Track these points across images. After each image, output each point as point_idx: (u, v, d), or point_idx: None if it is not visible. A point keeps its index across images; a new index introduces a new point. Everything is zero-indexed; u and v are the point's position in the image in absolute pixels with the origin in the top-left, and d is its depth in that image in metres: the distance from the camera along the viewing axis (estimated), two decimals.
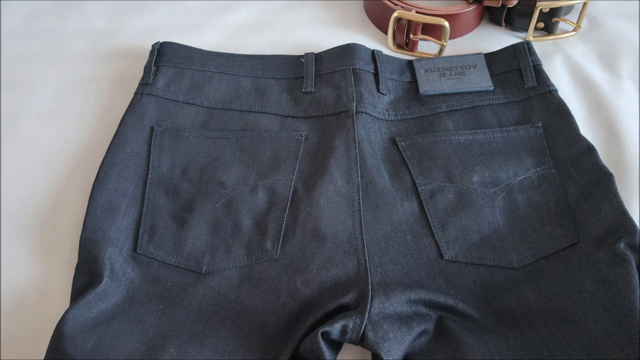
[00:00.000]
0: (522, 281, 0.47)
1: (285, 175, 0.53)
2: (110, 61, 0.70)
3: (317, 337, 0.42)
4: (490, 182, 0.53)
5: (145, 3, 0.79)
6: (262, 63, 0.63)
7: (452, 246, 0.49)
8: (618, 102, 0.63)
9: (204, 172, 0.54)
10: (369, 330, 0.42)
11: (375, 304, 0.44)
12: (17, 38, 0.73)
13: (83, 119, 0.63)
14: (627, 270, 0.44)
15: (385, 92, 0.60)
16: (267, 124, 0.58)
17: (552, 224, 0.50)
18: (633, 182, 0.55)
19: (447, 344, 0.43)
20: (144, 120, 0.57)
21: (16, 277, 0.50)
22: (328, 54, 0.63)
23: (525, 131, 0.57)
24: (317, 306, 0.45)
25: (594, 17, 0.75)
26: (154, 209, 0.51)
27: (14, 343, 0.47)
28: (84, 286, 0.46)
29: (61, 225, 0.54)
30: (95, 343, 0.42)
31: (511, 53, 0.63)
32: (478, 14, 0.73)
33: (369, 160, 0.54)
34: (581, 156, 0.53)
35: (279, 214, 0.51)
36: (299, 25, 0.74)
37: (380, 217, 0.51)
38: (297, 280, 0.47)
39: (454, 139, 0.56)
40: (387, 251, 0.49)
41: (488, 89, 0.60)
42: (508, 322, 0.45)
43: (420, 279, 0.47)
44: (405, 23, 0.68)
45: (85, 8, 0.78)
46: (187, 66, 0.61)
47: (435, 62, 0.63)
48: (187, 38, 0.69)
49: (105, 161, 0.53)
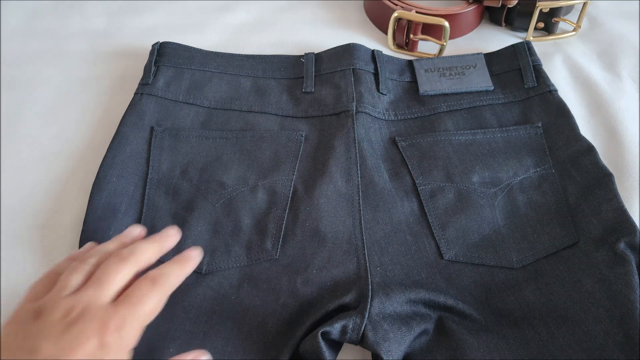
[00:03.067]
0: (522, 281, 0.47)
1: (285, 175, 0.53)
2: (110, 61, 0.70)
3: (317, 337, 0.42)
4: (490, 182, 0.53)
5: (145, 3, 0.79)
6: (262, 63, 0.63)
7: (452, 246, 0.49)
8: (618, 102, 0.63)
9: (204, 172, 0.54)
10: (369, 330, 0.42)
11: (375, 303, 0.44)
12: (17, 38, 0.73)
13: (83, 119, 0.63)
14: (627, 270, 0.44)
15: (385, 92, 0.60)
16: (267, 124, 0.58)
17: (552, 224, 0.50)
18: (633, 182, 0.55)
19: (447, 344, 0.43)
20: (144, 120, 0.57)
21: (16, 277, 0.50)
22: (328, 54, 0.63)
23: (525, 131, 0.57)
24: (317, 306, 0.45)
25: (594, 17, 0.75)
26: (154, 209, 0.51)
27: None
28: None
29: (61, 225, 0.54)
30: None
31: (511, 53, 0.63)
32: (478, 14, 0.73)
33: (369, 160, 0.54)
34: (581, 156, 0.53)
35: (279, 214, 0.51)
36: (299, 25, 0.74)
37: (380, 217, 0.51)
38: (297, 280, 0.47)
39: (454, 139, 0.56)
40: (387, 251, 0.49)
41: (488, 89, 0.60)
42: (508, 322, 0.45)
43: (420, 279, 0.47)
44: (405, 23, 0.68)
45: (85, 8, 0.78)
46: (187, 66, 0.61)
47: (435, 62, 0.63)
48: (187, 38, 0.69)
49: (105, 161, 0.53)
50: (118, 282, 0.34)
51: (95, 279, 0.33)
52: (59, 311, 0.31)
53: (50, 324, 0.30)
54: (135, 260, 0.35)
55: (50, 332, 0.30)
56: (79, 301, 0.31)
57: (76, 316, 0.30)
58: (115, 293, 0.33)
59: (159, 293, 0.34)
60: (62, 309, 0.31)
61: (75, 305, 0.31)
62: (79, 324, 0.30)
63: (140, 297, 0.33)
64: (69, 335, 0.30)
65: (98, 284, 0.33)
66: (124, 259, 0.34)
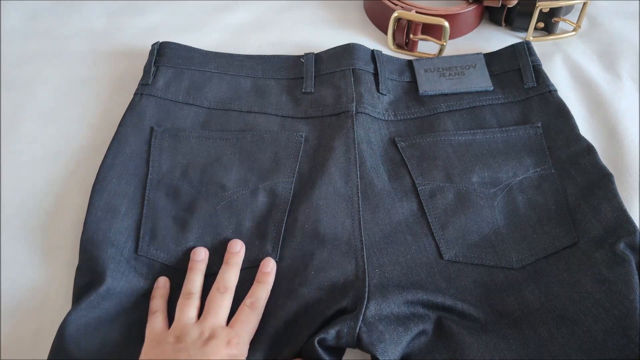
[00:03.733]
0: (521, 281, 0.47)
1: (286, 177, 0.53)
2: (110, 61, 0.70)
3: (314, 345, 0.42)
4: (489, 182, 0.53)
5: (145, 3, 0.79)
6: (262, 63, 0.63)
7: (451, 246, 0.49)
8: (618, 102, 0.63)
9: (204, 174, 0.54)
10: (363, 332, 0.42)
11: (371, 306, 0.44)
12: (17, 38, 0.73)
13: (83, 119, 0.63)
14: (627, 270, 0.44)
15: (385, 92, 0.60)
16: (267, 125, 0.58)
17: (552, 224, 0.50)
18: (633, 182, 0.55)
19: (447, 344, 0.43)
20: (144, 121, 0.57)
21: (16, 278, 0.50)
22: (328, 54, 0.63)
23: (525, 131, 0.57)
24: (316, 308, 0.45)
25: (594, 17, 0.75)
26: (154, 211, 0.51)
27: (15, 344, 0.47)
28: (85, 287, 0.46)
29: (61, 226, 0.54)
30: (99, 344, 0.43)
31: (511, 53, 0.63)
32: (478, 14, 0.73)
33: (369, 161, 0.54)
34: (581, 156, 0.53)
35: (279, 217, 0.51)
36: (299, 25, 0.74)
37: (380, 218, 0.51)
38: (296, 282, 0.47)
39: (454, 139, 0.56)
40: (386, 251, 0.49)
41: (488, 89, 0.60)
42: (508, 322, 0.45)
43: (420, 279, 0.47)
44: (405, 23, 0.68)
45: (85, 8, 0.78)
46: (186, 66, 0.61)
47: (435, 62, 0.63)
48: (187, 38, 0.69)
49: (105, 162, 0.53)
50: (225, 309, 0.45)
51: (211, 310, 0.44)
52: (194, 334, 0.42)
53: (191, 343, 0.41)
54: (230, 290, 0.46)
55: (194, 347, 0.41)
56: (206, 327, 0.43)
57: (209, 336, 0.42)
58: (226, 318, 0.44)
59: (257, 314, 0.45)
60: (196, 332, 0.42)
61: (204, 329, 0.42)
62: (212, 341, 0.41)
63: (246, 319, 0.44)
64: (207, 348, 0.41)
65: (214, 314, 0.44)
66: (225, 292, 0.45)
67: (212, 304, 0.45)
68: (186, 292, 0.46)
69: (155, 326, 0.44)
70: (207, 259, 0.49)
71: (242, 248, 0.49)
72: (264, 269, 0.48)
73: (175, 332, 0.42)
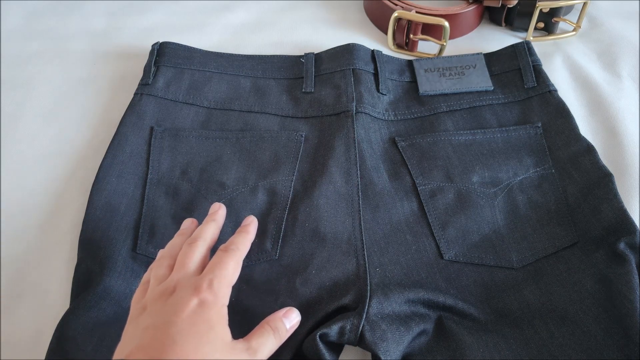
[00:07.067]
0: (522, 281, 0.47)
1: (285, 175, 0.53)
2: (110, 61, 0.70)
3: (315, 339, 0.42)
4: (490, 182, 0.53)
5: (145, 3, 0.79)
6: (262, 63, 0.63)
7: (452, 246, 0.49)
8: (618, 102, 0.63)
9: (204, 173, 0.54)
10: (366, 330, 0.42)
11: (373, 304, 0.44)
12: (17, 38, 0.73)
13: (83, 119, 0.63)
14: (627, 270, 0.44)
15: (385, 92, 0.60)
16: (267, 124, 0.58)
17: (552, 224, 0.50)
18: (633, 182, 0.55)
19: (447, 344, 0.43)
20: (144, 121, 0.57)
21: (16, 277, 0.50)
22: (328, 54, 0.63)
23: (525, 131, 0.57)
24: (317, 307, 0.45)
25: (594, 17, 0.75)
26: (154, 209, 0.51)
27: (14, 343, 0.47)
28: (84, 286, 0.46)
29: (61, 225, 0.54)
30: (96, 344, 0.42)
31: (511, 53, 0.63)
32: (478, 14, 0.73)
33: (369, 161, 0.54)
34: (581, 156, 0.53)
35: (279, 215, 0.51)
36: (299, 25, 0.74)
37: (380, 217, 0.51)
38: (296, 281, 0.47)
39: (454, 139, 0.56)
40: (386, 251, 0.49)
41: (488, 89, 0.60)
42: (508, 322, 0.45)
43: (420, 279, 0.47)
44: (405, 23, 0.68)
45: (85, 8, 0.78)
46: (187, 66, 0.61)
47: (435, 62, 0.63)
48: (187, 38, 0.69)
49: (105, 161, 0.53)
50: (195, 260, 0.39)
51: (177, 264, 0.39)
52: (155, 294, 0.37)
53: (151, 306, 0.36)
54: (202, 240, 0.41)
55: (153, 309, 0.36)
56: (170, 281, 0.37)
57: (171, 289, 0.36)
58: (197, 269, 0.39)
59: (233, 257, 0.40)
60: (156, 292, 0.37)
61: (168, 285, 0.37)
62: (175, 293, 0.36)
63: (218, 263, 0.39)
64: (171, 302, 0.35)
65: (180, 266, 0.39)
66: (193, 242, 0.41)
67: (179, 258, 0.40)
68: (159, 256, 0.42)
69: (138, 293, 0.40)
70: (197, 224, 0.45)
71: (220, 208, 0.46)
72: (244, 223, 0.45)
73: (141, 303, 0.38)
